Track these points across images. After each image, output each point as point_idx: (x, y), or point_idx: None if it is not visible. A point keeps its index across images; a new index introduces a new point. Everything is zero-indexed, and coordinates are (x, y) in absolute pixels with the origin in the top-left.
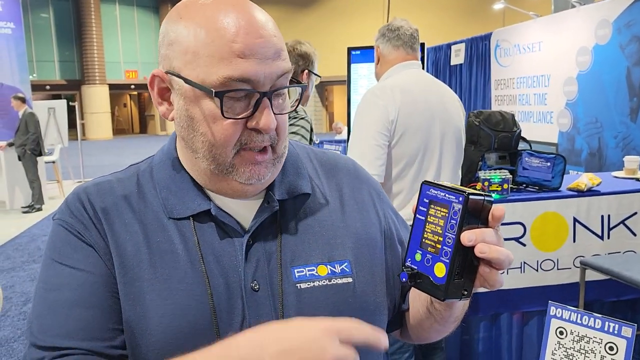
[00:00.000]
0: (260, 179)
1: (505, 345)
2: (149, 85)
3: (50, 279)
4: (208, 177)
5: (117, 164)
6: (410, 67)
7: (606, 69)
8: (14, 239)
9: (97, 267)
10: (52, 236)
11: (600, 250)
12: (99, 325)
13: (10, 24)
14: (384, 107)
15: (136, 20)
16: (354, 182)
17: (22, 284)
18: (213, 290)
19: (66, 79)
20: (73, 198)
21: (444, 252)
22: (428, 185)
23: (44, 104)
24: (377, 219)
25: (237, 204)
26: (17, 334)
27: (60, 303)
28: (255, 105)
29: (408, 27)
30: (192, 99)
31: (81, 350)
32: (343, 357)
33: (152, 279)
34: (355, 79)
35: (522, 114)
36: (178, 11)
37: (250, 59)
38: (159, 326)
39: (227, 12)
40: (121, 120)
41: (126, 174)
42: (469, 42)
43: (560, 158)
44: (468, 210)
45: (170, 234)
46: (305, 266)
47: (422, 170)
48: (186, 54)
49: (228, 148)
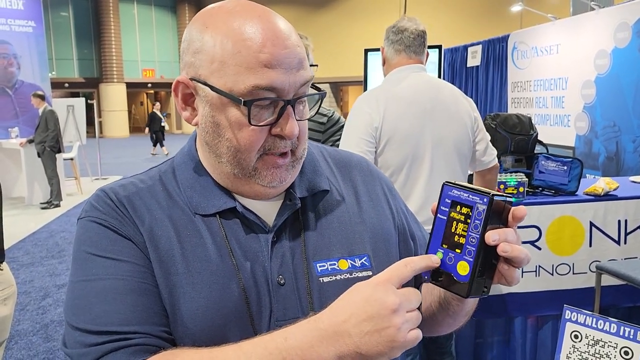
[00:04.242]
0: (282, 182)
1: (519, 349)
2: (173, 91)
3: (91, 271)
4: (231, 180)
5: (133, 161)
6: (409, 71)
7: (625, 72)
8: (33, 234)
9: (139, 258)
10: (84, 232)
11: (617, 255)
12: (153, 310)
13: (31, 23)
14: (368, 114)
15: (154, 20)
16: (367, 178)
17: (40, 278)
18: (245, 283)
19: (85, 77)
20: (99, 197)
21: (468, 251)
22: (450, 186)
23: (63, 101)
24: (391, 213)
25: (260, 204)
26: (36, 328)
27: (110, 291)
28: (280, 113)
29: (414, 28)
30: (219, 106)
31: (142, 335)
32: (409, 323)
33: (185, 273)
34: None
35: (539, 117)
36: (203, 20)
37: (277, 68)
38: (194, 318)
39: (253, 23)
40: (138, 119)
41: (148, 175)
42: (485, 44)
43: (577, 162)
44: (492, 211)
45: (199, 229)
46: (327, 261)
47: (410, 178)
48: (213, 62)
49: (252, 153)
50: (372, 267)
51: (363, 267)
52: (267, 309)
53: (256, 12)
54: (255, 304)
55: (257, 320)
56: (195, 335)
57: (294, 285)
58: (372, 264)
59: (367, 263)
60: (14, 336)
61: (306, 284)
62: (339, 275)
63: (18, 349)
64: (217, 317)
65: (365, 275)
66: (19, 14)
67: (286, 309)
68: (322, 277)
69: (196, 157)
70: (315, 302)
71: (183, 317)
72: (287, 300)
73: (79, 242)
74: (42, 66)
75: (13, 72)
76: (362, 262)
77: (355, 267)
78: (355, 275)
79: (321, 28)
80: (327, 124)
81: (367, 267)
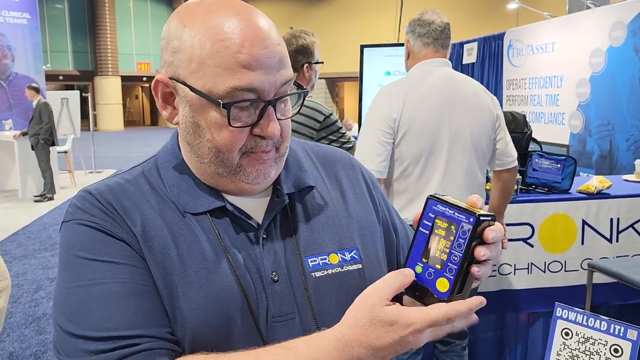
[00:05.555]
0: (267, 177)
1: (510, 345)
2: (152, 90)
3: (86, 276)
4: (215, 179)
5: (127, 155)
6: (434, 65)
7: (619, 71)
8: (26, 227)
9: (135, 260)
10: (73, 236)
11: (609, 254)
12: (156, 312)
13: (25, 15)
14: (388, 105)
15: (149, 13)
16: (349, 171)
17: (33, 271)
18: (242, 281)
19: (79, 69)
20: (84, 199)
21: (449, 268)
22: (435, 200)
23: (57, 94)
24: (375, 206)
25: (248, 201)
26: (29, 321)
27: (111, 296)
28: (260, 114)
29: (440, 21)
30: (198, 107)
31: (149, 339)
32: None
33: (182, 273)
34: (368, 76)
35: (534, 114)
36: (182, 18)
37: (256, 69)
38: (194, 318)
39: (232, 22)
40: (132, 112)
41: (132, 174)
42: (481, 41)
43: (570, 160)
44: (476, 231)
45: (193, 227)
46: (318, 255)
47: (426, 171)
48: (191, 62)
49: (234, 153)
50: (362, 259)
51: (353, 260)
52: (263, 306)
53: (235, 10)
54: (254, 301)
55: (257, 317)
56: (196, 334)
57: (288, 281)
58: (362, 257)
59: (356, 256)
60: (5, 329)
61: (302, 279)
62: (330, 270)
63: (10, 342)
64: (217, 316)
65: (356, 268)
66: (13, 6)
67: (282, 305)
68: (314, 272)
69: (180, 156)
70: (312, 297)
71: (182, 317)
72: (282, 296)
73: (68, 247)
74: (37, 58)
75: (7, 64)
76: (351, 256)
77: (346, 261)
78: (346, 268)
79: (317, 24)
80: (323, 122)
81: (357, 260)
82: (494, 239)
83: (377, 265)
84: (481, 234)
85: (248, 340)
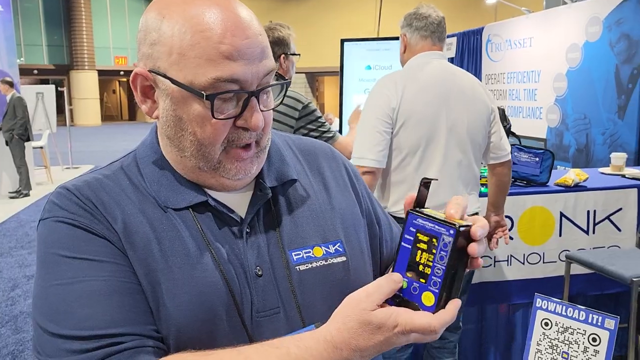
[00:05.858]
0: (247, 174)
1: (491, 336)
2: (131, 84)
3: (66, 274)
4: (196, 174)
5: (105, 150)
6: (430, 57)
7: (595, 66)
8: (2, 224)
9: (118, 257)
10: (52, 234)
11: (586, 245)
12: (141, 309)
13: None
14: (387, 95)
15: (126, 5)
16: (332, 164)
17: (9, 269)
18: (226, 275)
19: (54, 63)
20: (62, 196)
21: (433, 282)
22: (415, 214)
23: (32, 88)
24: (357, 198)
25: (230, 196)
26: (5, 320)
27: (93, 294)
28: (244, 105)
29: (436, 15)
30: (180, 99)
31: (133, 337)
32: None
33: (165, 269)
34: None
35: (512, 109)
36: (159, 9)
37: (238, 60)
38: (178, 314)
39: (212, 12)
40: (110, 107)
41: (111, 170)
42: (460, 36)
43: (548, 153)
44: (458, 242)
45: (174, 223)
46: (302, 249)
47: (423, 162)
48: (171, 54)
49: (216, 146)
50: (346, 252)
51: (337, 253)
52: (248, 301)
53: (214, 0)
54: (239, 296)
55: (241, 312)
56: (180, 331)
57: (272, 275)
58: (346, 249)
59: (340, 249)
60: None
61: (286, 273)
62: (314, 263)
63: None
64: (202, 312)
65: (340, 261)
66: None
67: (265, 299)
68: (298, 265)
69: (159, 150)
70: (296, 290)
71: (167, 314)
72: (266, 291)
73: (47, 245)
74: (10, 52)
75: None
76: (335, 248)
77: (330, 254)
78: (330, 261)
79: (297, 18)
80: (302, 111)
81: (341, 253)
82: (481, 235)
83: (361, 257)
84: (464, 243)
85: (233, 336)
